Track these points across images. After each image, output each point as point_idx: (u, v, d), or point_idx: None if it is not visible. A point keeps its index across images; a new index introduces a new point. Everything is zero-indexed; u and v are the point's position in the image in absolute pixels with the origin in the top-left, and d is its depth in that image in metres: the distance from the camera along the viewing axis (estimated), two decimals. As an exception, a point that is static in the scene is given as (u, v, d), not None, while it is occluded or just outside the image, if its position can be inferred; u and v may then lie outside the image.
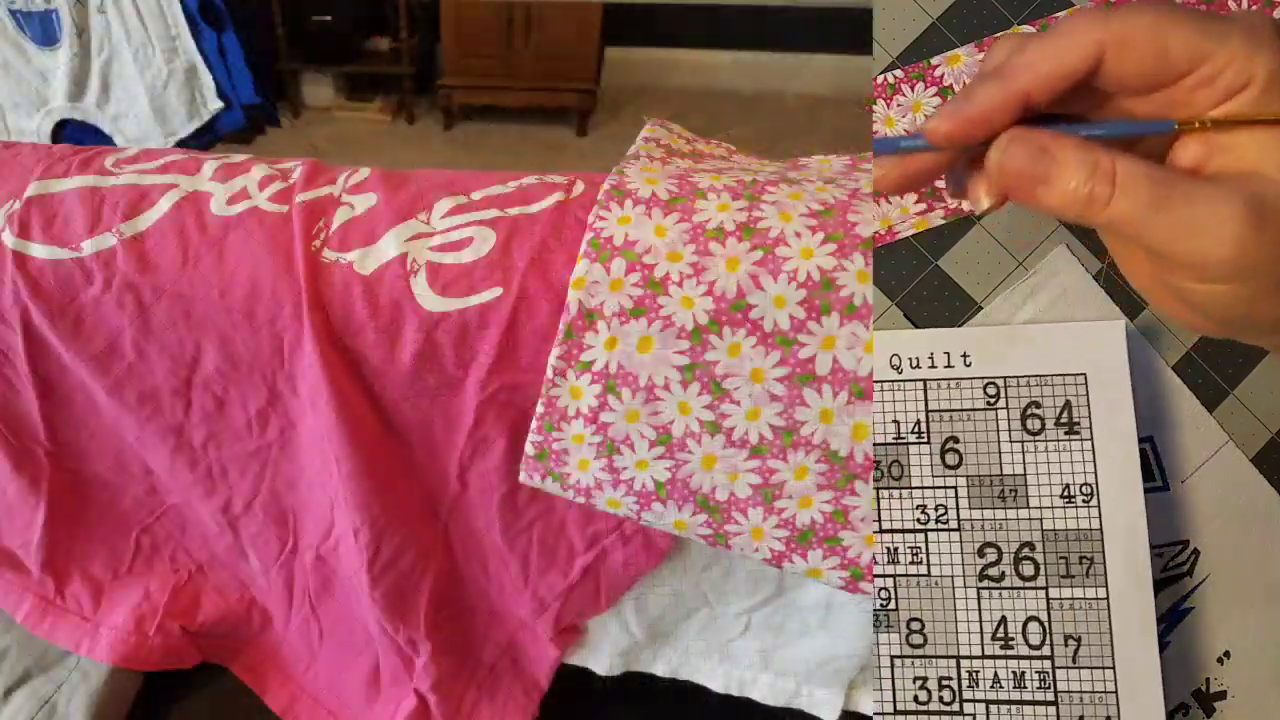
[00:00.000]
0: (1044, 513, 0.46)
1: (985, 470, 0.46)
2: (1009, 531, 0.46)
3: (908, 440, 0.47)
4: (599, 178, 0.48)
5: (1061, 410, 0.46)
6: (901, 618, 0.47)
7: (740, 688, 0.65)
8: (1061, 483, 0.46)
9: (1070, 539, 0.45)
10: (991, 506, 0.46)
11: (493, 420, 0.50)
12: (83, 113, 0.92)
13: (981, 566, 0.46)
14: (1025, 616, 0.45)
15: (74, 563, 0.70)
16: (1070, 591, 0.45)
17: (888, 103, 0.49)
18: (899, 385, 0.47)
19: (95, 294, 0.51)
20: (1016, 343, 0.47)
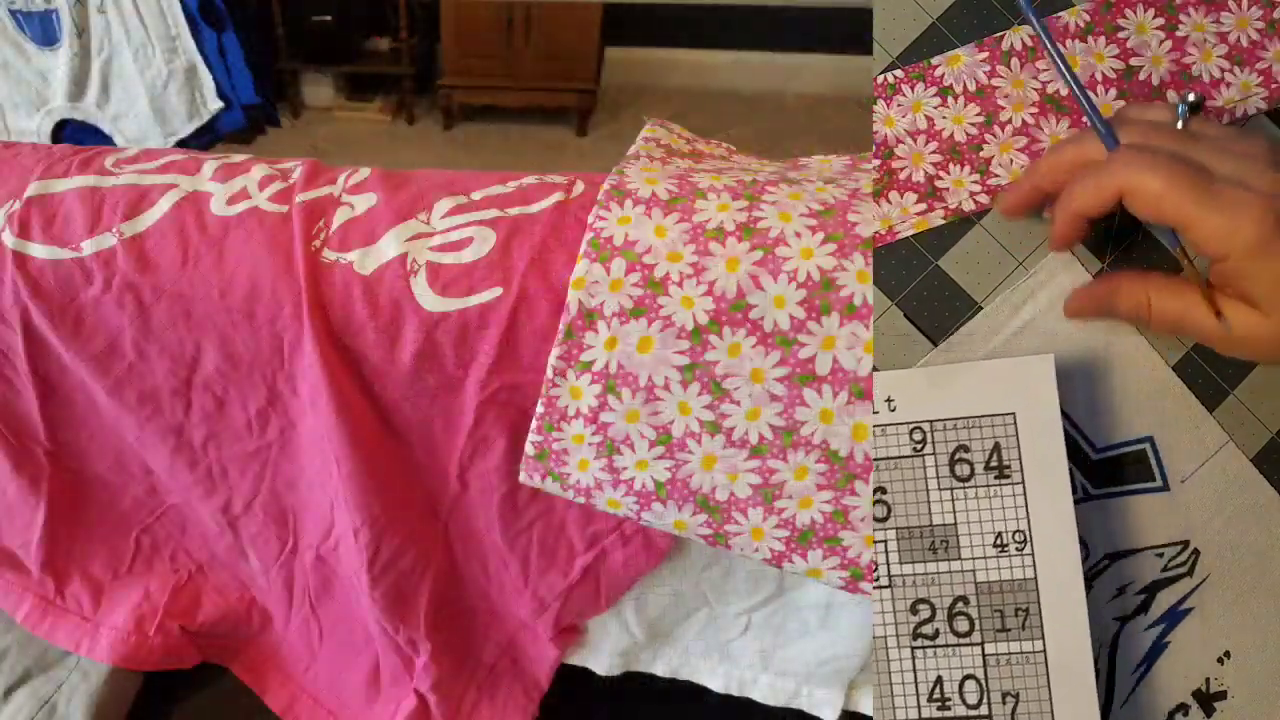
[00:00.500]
0: (977, 564, 0.44)
1: (914, 521, 0.44)
2: (941, 585, 0.44)
3: None
4: (599, 178, 0.48)
5: (991, 453, 0.44)
6: None
7: (740, 688, 0.65)
8: (994, 530, 0.44)
9: (1005, 590, 0.44)
10: (923, 560, 0.44)
11: (493, 420, 0.50)
12: (83, 113, 0.92)
13: (915, 624, 0.44)
14: (962, 675, 0.44)
15: (74, 563, 0.70)
16: (1007, 646, 0.43)
17: (888, 103, 0.49)
18: None
19: (95, 294, 0.51)
20: (942, 383, 0.45)
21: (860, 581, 0.46)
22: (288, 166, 0.53)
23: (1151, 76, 0.48)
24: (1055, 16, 0.49)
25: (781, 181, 0.46)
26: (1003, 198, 0.46)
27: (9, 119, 0.95)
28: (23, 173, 0.53)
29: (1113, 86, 0.48)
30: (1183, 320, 0.41)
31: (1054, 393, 0.44)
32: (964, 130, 0.49)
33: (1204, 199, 0.37)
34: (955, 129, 0.49)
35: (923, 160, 0.49)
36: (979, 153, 0.49)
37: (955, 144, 0.49)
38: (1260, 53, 0.48)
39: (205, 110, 0.87)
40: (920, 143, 0.49)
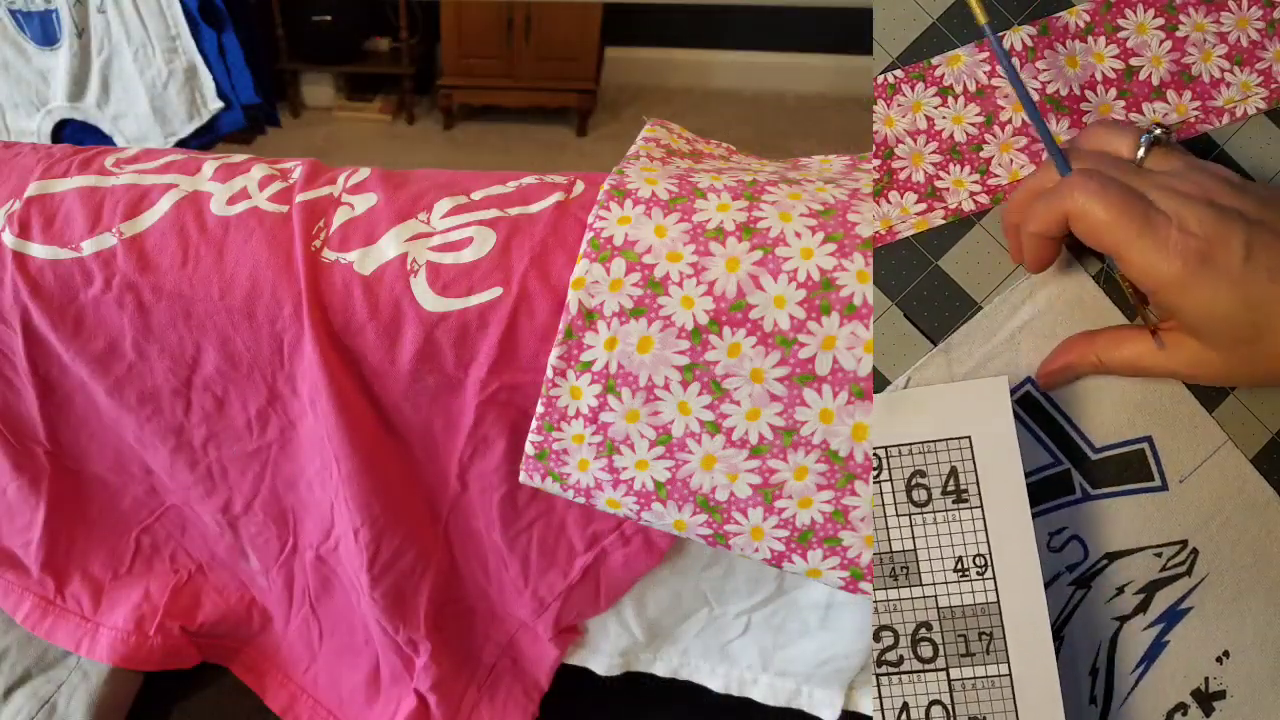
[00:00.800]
0: (938, 589, 0.44)
1: (873, 548, 0.45)
2: (904, 612, 0.44)
3: None
4: (599, 178, 0.48)
5: (948, 478, 0.44)
6: None
7: (740, 688, 0.65)
8: (954, 555, 0.44)
9: (968, 615, 0.43)
10: (883, 586, 0.44)
11: (493, 420, 0.50)
12: (83, 113, 0.92)
13: (879, 651, 0.44)
14: (928, 700, 0.43)
15: (74, 563, 0.70)
16: (972, 670, 0.43)
17: (888, 103, 0.49)
18: None
19: (95, 294, 0.51)
20: (895, 409, 0.45)
21: (860, 581, 0.46)
22: (288, 166, 0.53)
23: (1151, 76, 0.48)
24: (1055, 16, 0.49)
25: (781, 181, 0.46)
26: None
27: (9, 119, 0.95)
28: (23, 173, 0.53)
29: (1113, 86, 0.48)
30: (1136, 366, 0.43)
31: (1009, 415, 0.44)
32: (964, 130, 0.49)
33: (1140, 231, 0.38)
34: (955, 129, 0.49)
35: (923, 160, 0.49)
36: (979, 153, 0.49)
37: (955, 144, 0.49)
38: (1260, 53, 0.48)
39: (205, 110, 0.87)
40: (920, 143, 0.49)
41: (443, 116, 2.28)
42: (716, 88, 2.35)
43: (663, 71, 2.38)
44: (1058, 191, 0.41)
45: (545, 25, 2.13)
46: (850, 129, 2.20)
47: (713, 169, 0.50)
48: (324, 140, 2.25)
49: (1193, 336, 0.41)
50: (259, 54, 0.88)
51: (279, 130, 0.96)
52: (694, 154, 0.56)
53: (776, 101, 2.26)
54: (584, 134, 2.23)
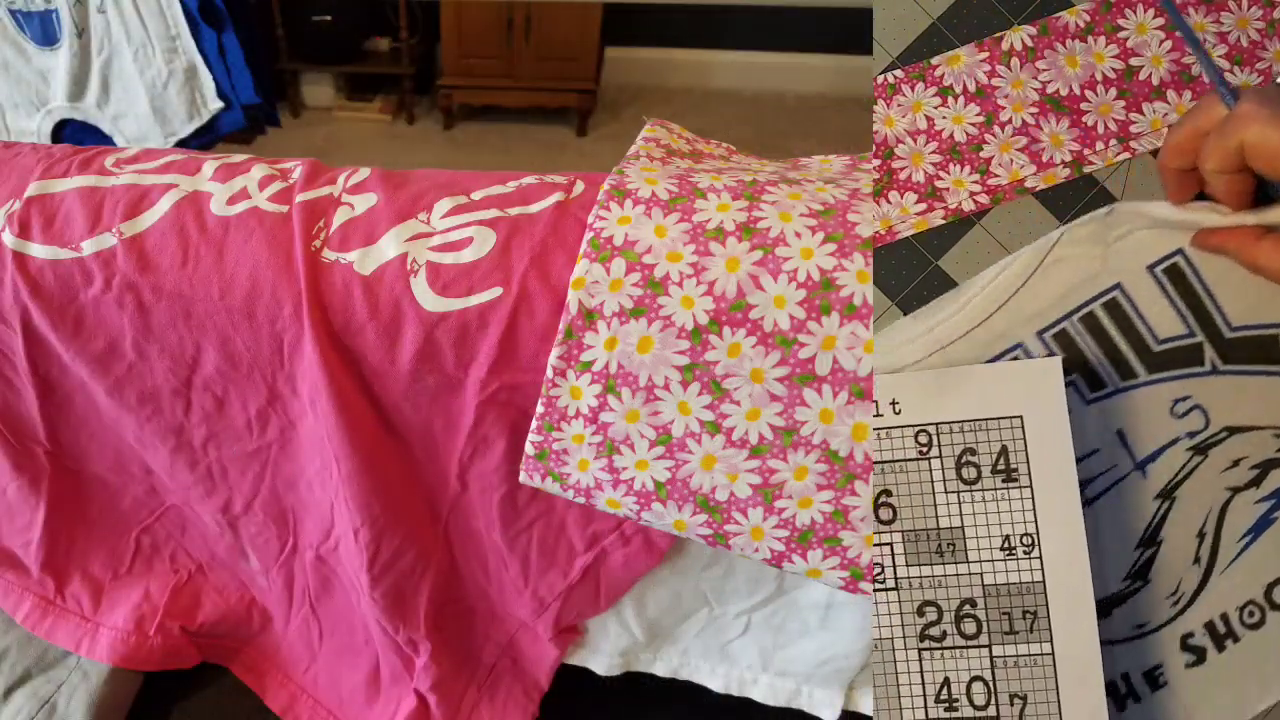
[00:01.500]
0: (984, 566, 0.44)
1: (921, 524, 0.45)
2: (949, 588, 0.44)
3: None
4: (599, 178, 0.47)
5: (998, 457, 0.44)
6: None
7: (740, 688, 0.65)
8: (1001, 534, 0.44)
9: (1013, 593, 0.44)
10: (929, 562, 0.44)
11: (493, 420, 0.50)
12: (83, 113, 0.92)
13: (922, 626, 0.44)
14: (969, 676, 0.44)
15: (74, 563, 0.70)
16: (1014, 648, 0.44)
17: (888, 103, 0.49)
18: None
19: (95, 294, 0.51)
20: (948, 386, 0.45)
21: (860, 581, 0.46)
22: (288, 166, 0.53)
23: (1151, 76, 0.48)
24: (1055, 16, 0.49)
25: (781, 181, 0.46)
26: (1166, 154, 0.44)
27: (9, 119, 0.95)
28: (23, 173, 0.53)
29: (1113, 86, 0.48)
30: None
31: (1062, 396, 0.44)
32: (964, 130, 0.49)
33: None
34: (955, 129, 0.49)
35: (923, 160, 0.49)
36: (979, 153, 0.49)
37: (955, 144, 0.49)
38: (1260, 53, 0.48)
39: (205, 110, 0.87)
40: (920, 143, 0.49)
41: (443, 116, 2.28)
42: (716, 88, 2.35)
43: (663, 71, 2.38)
44: (1231, 124, 0.39)
45: (545, 25, 2.13)
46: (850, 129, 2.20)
47: (713, 169, 0.50)
48: (324, 140, 2.25)
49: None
50: (259, 54, 0.88)
51: (279, 130, 0.96)
52: (694, 154, 0.56)
53: (776, 101, 2.26)
54: (584, 134, 2.23)
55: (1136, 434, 0.47)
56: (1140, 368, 0.47)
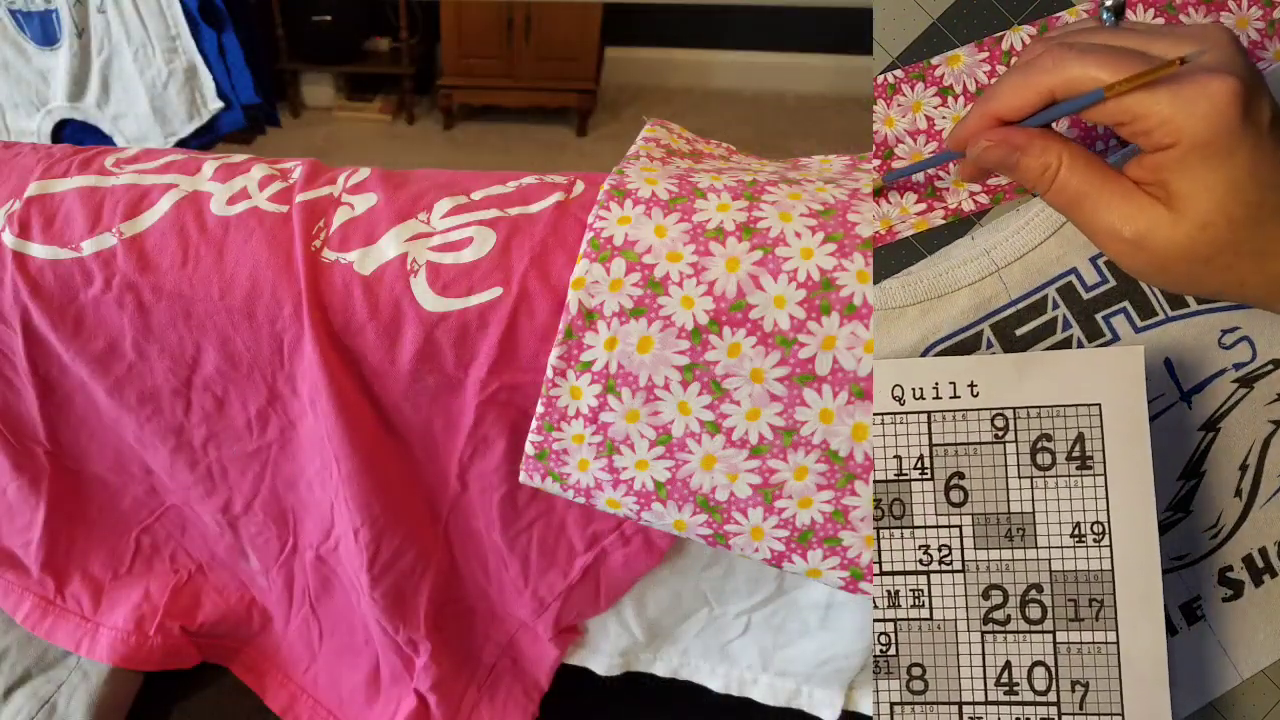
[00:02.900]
0: (1053, 553, 0.44)
1: (992, 508, 0.44)
2: (1015, 573, 0.44)
3: (910, 477, 0.45)
4: (599, 178, 0.48)
5: (1074, 443, 0.44)
6: (902, 663, 0.45)
7: (740, 688, 0.65)
8: (1072, 521, 0.44)
9: (1080, 580, 0.44)
10: (998, 546, 0.44)
11: (493, 420, 0.50)
12: (83, 113, 0.92)
13: (986, 609, 0.44)
14: (1031, 661, 0.44)
15: (74, 563, 0.70)
16: (1079, 635, 0.43)
17: (888, 103, 0.49)
18: (901, 418, 0.45)
19: (95, 294, 0.51)
20: (1027, 371, 0.44)
21: (860, 581, 0.46)
22: (288, 166, 0.53)
23: (1151, 76, 0.48)
24: (1055, 16, 0.49)
25: (781, 181, 0.46)
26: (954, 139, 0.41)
27: (9, 119, 0.95)
28: (23, 173, 0.53)
29: (1113, 86, 0.48)
30: (1083, 198, 0.37)
31: (1142, 386, 0.43)
32: (964, 130, 0.49)
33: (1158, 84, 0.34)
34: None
35: (922, 160, 0.49)
36: (979, 153, 0.49)
37: (955, 144, 0.49)
38: (1260, 52, 0.48)
39: (205, 110, 0.87)
40: (920, 143, 0.49)
41: (443, 116, 2.28)
42: (716, 88, 2.35)
43: (663, 71, 2.38)
44: (1038, 65, 0.36)
45: (545, 25, 2.13)
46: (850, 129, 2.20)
47: (713, 169, 0.50)
48: (324, 140, 2.25)
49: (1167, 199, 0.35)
50: (259, 54, 0.88)
51: (279, 130, 0.96)
52: (694, 154, 0.56)
53: (776, 101, 2.26)
54: (584, 134, 2.23)
55: (1183, 364, 0.47)
56: (1191, 297, 0.47)
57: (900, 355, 0.48)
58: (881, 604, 0.45)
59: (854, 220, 0.43)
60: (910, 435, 0.45)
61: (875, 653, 0.45)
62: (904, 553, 0.46)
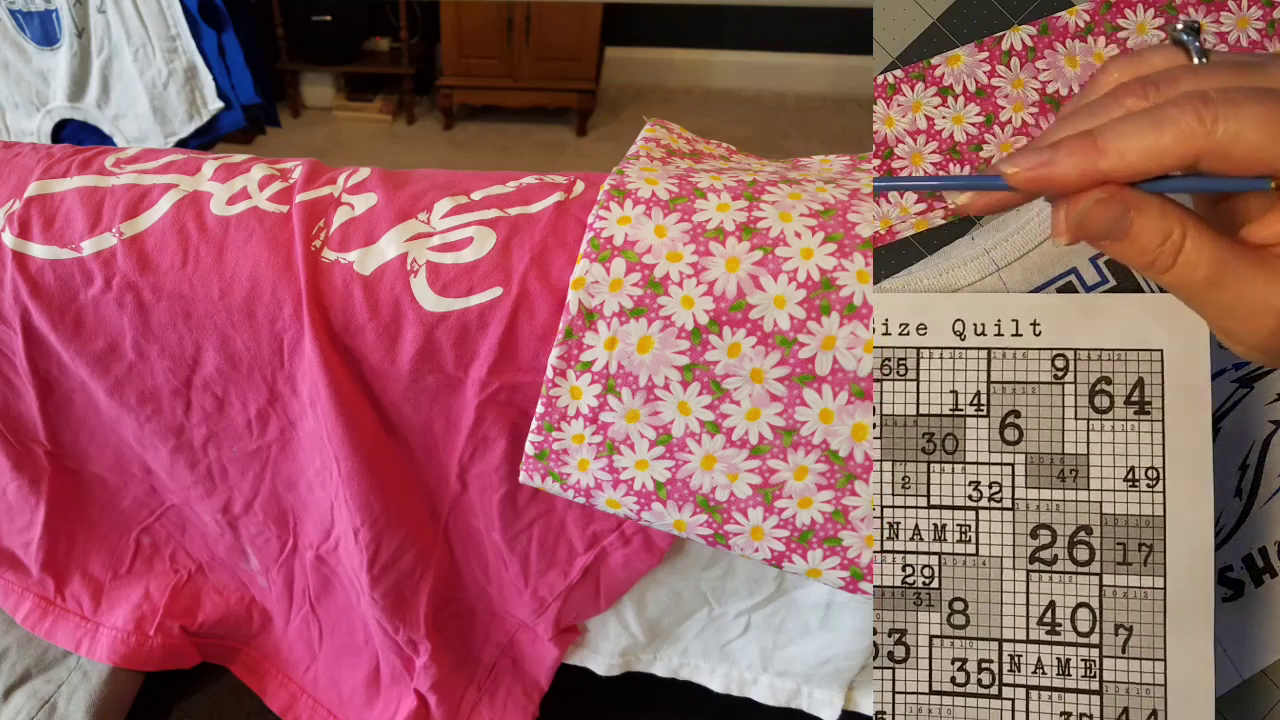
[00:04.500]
0: (1104, 495, 0.43)
1: (1046, 448, 0.44)
2: (1065, 513, 0.44)
3: (965, 413, 0.45)
4: (599, 178, 0.48)
5: (1133, 388, 0.43)
6: (944, 597, 0.44)
7: (740, 688, 0.65)
8: (1126, 465, 0.43)
9: (1130, 525, 0.43)
10: (1049, 486, 0.44)
11: (493, 420, 0.50)
12: (83, 113, 0.92)
13: (1033, 548, 0.44)
14: (1075, 602, 0.44)
15: (74, 563, 0.70)
16: (1125, 579, 0.43)
17: (888, 103, 0.49)
18: (960, 353, 0.45)
19: (95, 294, 0.51)
20: (1092, 312, 0.44)
21: (860, 581, 0.46)
22: (288, 166, 0.53)
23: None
24: (1055, 16, 0.49)
25: (781, 181, 0.46)
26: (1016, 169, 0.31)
27: (9, 119, 0.96)
28: (23, 173, 0.53)
29: (1113, 86, 0.48)
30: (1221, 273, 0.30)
31: (1205, 336, 0.43)
32: (964, 130, 0.49)
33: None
34: (955, 129, 0.49)
35: (922, 160, 0.49)
36: (979, 153, 0.49)
37: (955, 144, 0.49)
38: (1260, 52, 0.48)
39: (205, 110, 0.87)
40: (920, 143, 0.49)
41: (443, 116, 2.28)
42: (716, 88, 2.35)
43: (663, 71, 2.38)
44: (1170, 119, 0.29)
45: (545, 25, 2.14)
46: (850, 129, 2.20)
47: (713, 169, 0.50)
48: (324, 140, 2.25)
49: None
50: (259, 54, 0.88)
51: (279, 130, 0.96)
52: (694, 154, 0.56)
53: (776, 101, 2.26)
54: (584, 134, 2.23)
55: (1185, 364, 0.47)
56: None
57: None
58: (927, 536, 0.45)
59: (854, 220, 0.43)
60: (968, 371, 0.45)
61: (918, 584, 0.44)
62: (953, 488, 0.45)
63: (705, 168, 0.51)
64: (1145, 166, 0.29)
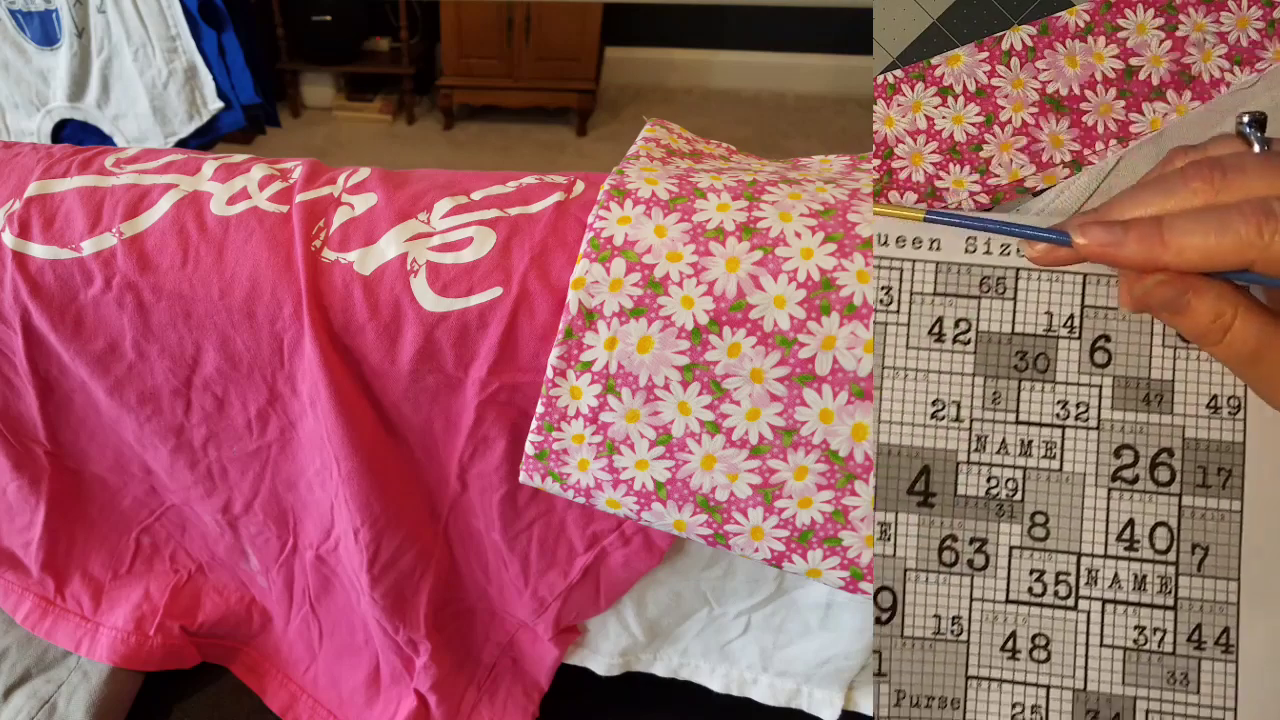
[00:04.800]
0: (1188, 420, 0.45)
1: (1133, 372, 0.45)
2: (1149, 435, 0.45)
3: (1058, 334, 0.46)
4: (599, 178, 0.48)
5: None
6: (1026, 509, 0.46)
7: (740, 688, 0.65)
8: (1209, 393, 0.45)
9: (1211, 450, 0.45)
10: (1135, 409, 0.45)
11: (493, 420, 0.50)
12: (83, 113, 0.92)
13: (1116, 467, 0.45)
14: (1154, 521, 0.45)
15: (74, 563, 0.70)
16: (1204, 501, 0.45)
17: (888, 103, 0.49)
18: (1057, 276, 0.46)
19: (95, 294, 0.51)
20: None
21: (860, 581, 0.46)
22: (288, 166, 0.53)
23: (1151, 76, 0.48)
24: (1055, 16, 0.49)
25: (781, 181, 0.46)
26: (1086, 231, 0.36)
27: (9, 119, 0.96)
28: (23, 173, 0.53)
29: (1112, 86, 0.48)
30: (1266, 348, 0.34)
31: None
32: (964, 130, 0.49)
33: None
34: (955, 129, 0.49)
35: (923, 160, 0.49)
36: (979, 153, 0.49)
37: (955, 144, 0.49)
38: (1260, 53, 0.48)
39: (205, 110, 0.87)
40: (920, 143, 0.49)
41: (443, 116, 2.28)
42: (716, 88, 2.35)
43: (663, 71, 2.38)
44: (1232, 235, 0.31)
45: (545, 25, 2.14)
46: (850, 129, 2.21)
47: (713, 169, 0.50)
48: (324, 140, 2.25)
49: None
50: (259, 54, 0.88)
51: (279, 130, 0.96)
52: (694, 154, 0.56)
53: (776, 101, 2.26)
54: (584, 134, 2.23)
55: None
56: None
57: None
58: (1014, 450, 0.46)
59: (854, 220, 0.43)
60: (1064, 295, 0.46)
61: (1001, 496, 0.46)
62: (1042, 405, 0.46)
63: (705, 168, 0.51)
64: (1202, 265, 0.32)
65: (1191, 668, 0.44)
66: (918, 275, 0.45)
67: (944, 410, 0.46)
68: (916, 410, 0.46)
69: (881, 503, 0.45)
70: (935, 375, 0.45)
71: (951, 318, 0.45)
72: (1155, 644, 0.45)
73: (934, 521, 0.46)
